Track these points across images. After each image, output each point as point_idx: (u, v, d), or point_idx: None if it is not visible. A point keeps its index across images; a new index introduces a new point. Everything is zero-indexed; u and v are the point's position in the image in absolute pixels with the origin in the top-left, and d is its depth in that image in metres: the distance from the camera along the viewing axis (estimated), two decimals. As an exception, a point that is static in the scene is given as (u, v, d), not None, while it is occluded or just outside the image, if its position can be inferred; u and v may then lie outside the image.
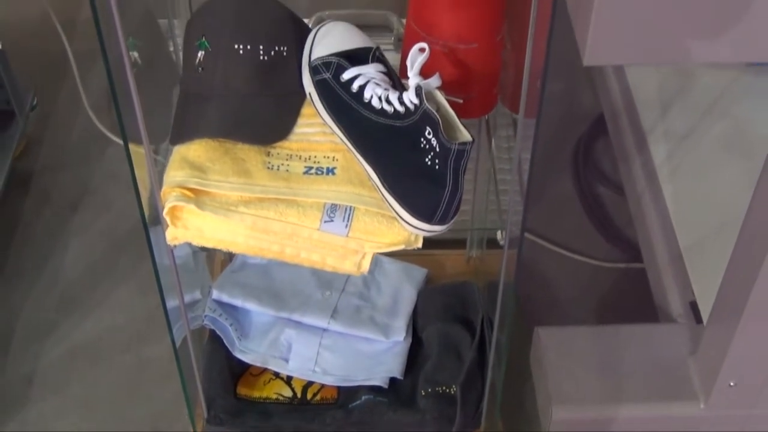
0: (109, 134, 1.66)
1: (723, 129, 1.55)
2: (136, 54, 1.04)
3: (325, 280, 1.41)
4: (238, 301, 1.36)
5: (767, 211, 1.08)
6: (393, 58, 1.23)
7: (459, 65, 1.10)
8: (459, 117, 1.00)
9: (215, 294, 1.36)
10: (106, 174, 1.78)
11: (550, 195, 1.77)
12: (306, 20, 1.50)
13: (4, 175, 1.64)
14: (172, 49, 1.42)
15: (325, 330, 1.35)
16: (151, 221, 1.10)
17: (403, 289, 1.42)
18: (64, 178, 1.79)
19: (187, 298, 1.28)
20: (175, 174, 1.02)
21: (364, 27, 1.44)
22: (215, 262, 1.48)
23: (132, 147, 0.99)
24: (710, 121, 1.56)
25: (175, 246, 1.03)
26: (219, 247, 1.04)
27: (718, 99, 1.59)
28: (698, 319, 1.33)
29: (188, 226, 1.02)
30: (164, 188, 1.02)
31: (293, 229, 1.01)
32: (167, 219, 1.01)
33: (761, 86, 1.60)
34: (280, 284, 1.40)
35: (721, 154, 1.52)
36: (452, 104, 1.01)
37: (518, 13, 1.10)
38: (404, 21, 1.48)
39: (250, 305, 1.36)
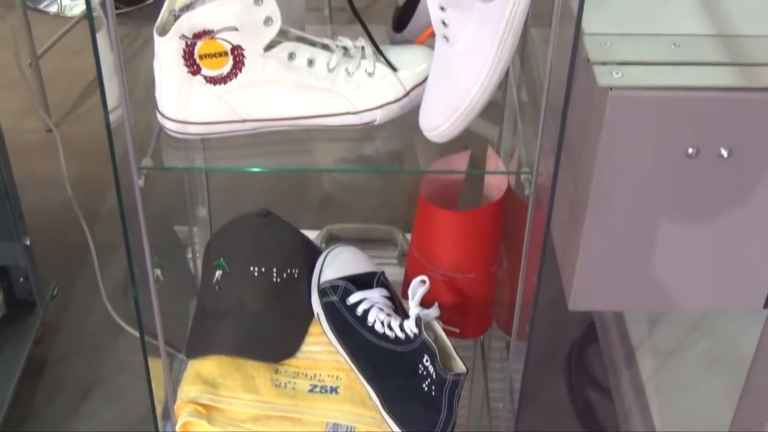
0: (126, 326, 1.73)
1: (708, 346, 1.63)
2: (159, 272, 1.13)
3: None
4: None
5: (747, 428, 1.15)
6: (397, 272, 1.32)
7: (457, 292, 1.19)
8: (456, 337, 1.08)
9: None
10: (117, 363, 1.84)
11: (542, 400, 1.82)
12: (316, 232, 1.61)
13: (22, 363, 1.71)
14: (190, 255, 1.51)
15: None
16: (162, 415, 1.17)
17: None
18: (77, 366, 1.86)
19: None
20: (189, 389, 1.10)
21: (369, 240, 1.54)
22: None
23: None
24: (696, 337, 1.64)
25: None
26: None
27: (703, 316, 1.67)
28: None
29: (199, 440, 1.08)
30: (178, 402, 1.09)
31: (297, 446, 1.08)
32: (179, 433, 1.08)
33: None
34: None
35: (706, 371, 1.59)
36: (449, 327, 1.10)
37: (513, 245, 1.19)
38: (408, 236, 1.58)
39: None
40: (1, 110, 2.11)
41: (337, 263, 1.20)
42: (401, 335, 1.08)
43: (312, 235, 1.56)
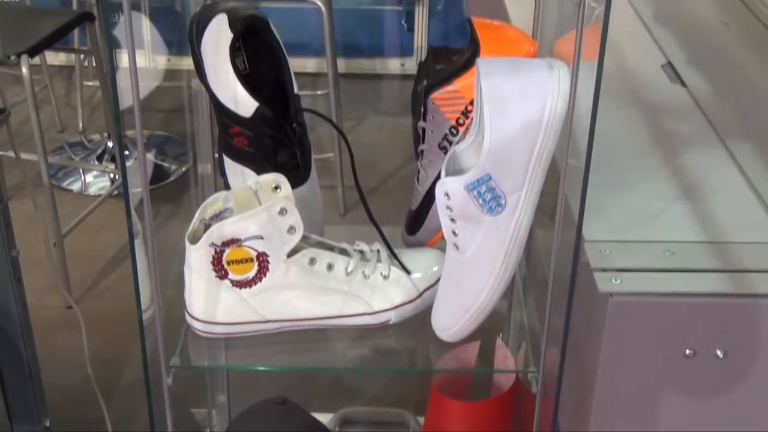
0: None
1: None
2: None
3: None
4: None
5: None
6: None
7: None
8: None
9: None
10: None
11: None
12: (330, 415, 1.65)
13: None
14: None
15: None
16: None
17: None
18: None
19: None
20: None
21: (381, 423, 1.58)
22: None
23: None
24: None
25: None
26: None
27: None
28: None
29: None
30: None
31: None
32: None
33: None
34: None
35: None
36: None
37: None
38: (420, 419, 1.62)
39: None
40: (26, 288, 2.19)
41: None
42: None
43: (326, 418, 1.60)
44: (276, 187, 1.03)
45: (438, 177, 0.99)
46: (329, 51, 2.47)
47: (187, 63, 1.13)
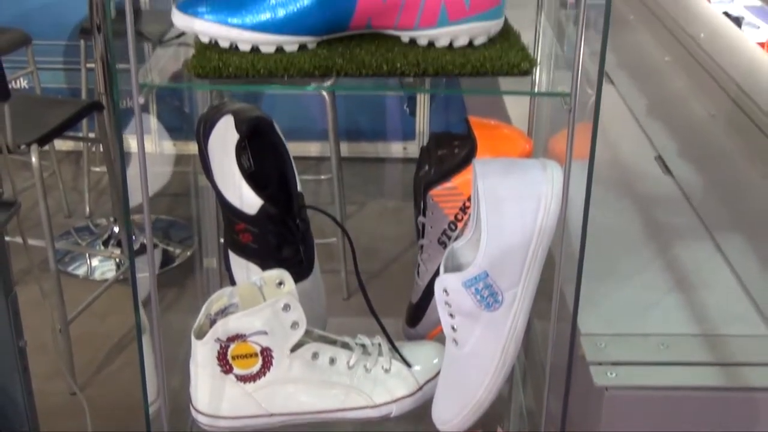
0: None
1: None
2: None
3: None
4: None
5: None
6: None
7: None
8: None
9: None
10: None
11: None
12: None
13: None
14: None
15: None
16: None
17: None
18: None
19: None
20: None
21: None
22: None
23: None
24: None
25: None
26: None
27: None
28: None
29: None
30: None
31: None
32: None
33: None
34: None
35: None
36: None
37: None
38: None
39: None
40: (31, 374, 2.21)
41: None
42: None
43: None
44: (280, 283, 1.06)
45: (437, 272, 1.02)
46: (332, 136, 2.52)
47: (192, 147, 1.17)
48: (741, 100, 1.42)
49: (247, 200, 1.09)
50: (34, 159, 2.19)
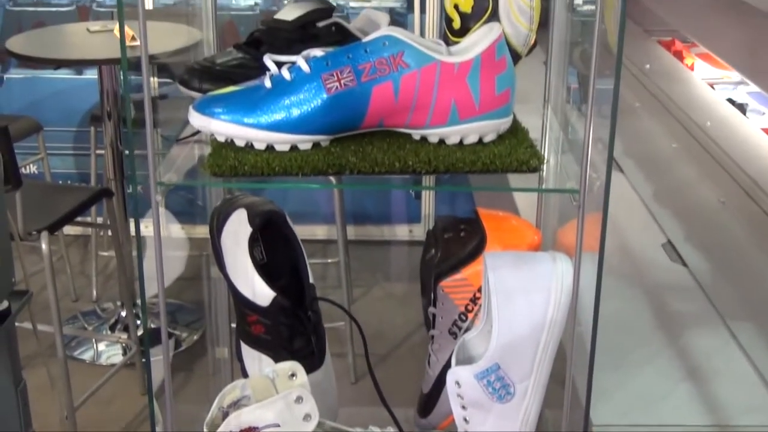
0: None
1: None
2: None
3: None
4: None
5: None
6: None
7: None
8: None
9: None
10: None
11: None
12: None
13: None
14: None
15: None
16: None
17: None
18: None
19: None
20: None
21: None
22: None
23: None
24: None
25: None
26: None
27: None
28: None
29: None
30: None
31: None
32: None
33: None
34: None
35: None
36: None
37: None
38: None
39: None
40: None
41: None
42: None
43: None
44: (292, 375, 1.07)
45: (448, 362, 1.02)
46: (339, 221, 2.54)
47: (198, 231, 1.18)
48: (749, 186, 1.44)
49: (260, 292, 1.10)
50: (44, 246, 2.21)
